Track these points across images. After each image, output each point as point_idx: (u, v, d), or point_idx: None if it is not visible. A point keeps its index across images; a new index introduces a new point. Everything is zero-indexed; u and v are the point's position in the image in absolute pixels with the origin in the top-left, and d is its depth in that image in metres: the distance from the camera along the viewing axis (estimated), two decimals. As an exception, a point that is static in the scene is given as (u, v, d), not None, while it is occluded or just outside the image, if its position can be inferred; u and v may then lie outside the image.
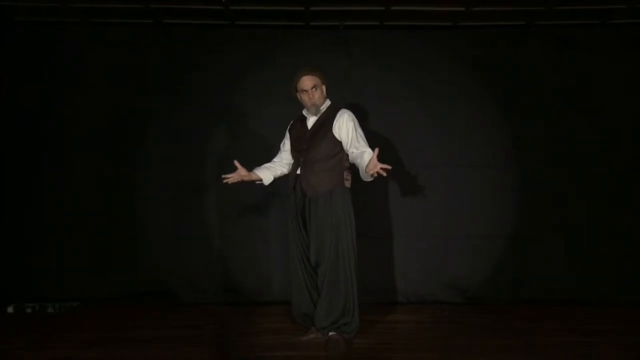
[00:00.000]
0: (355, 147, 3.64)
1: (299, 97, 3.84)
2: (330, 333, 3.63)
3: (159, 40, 5.14)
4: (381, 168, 3.39)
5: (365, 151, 3.59)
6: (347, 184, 3.73)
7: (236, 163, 3.78)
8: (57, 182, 5.07)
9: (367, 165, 3.45)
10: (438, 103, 5.10)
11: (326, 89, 3.84)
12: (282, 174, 3.97)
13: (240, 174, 3.79)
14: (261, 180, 3.89)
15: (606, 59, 5.09)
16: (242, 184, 3.87)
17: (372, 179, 3.56)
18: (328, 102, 3.84)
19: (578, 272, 5.01)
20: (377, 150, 3.42)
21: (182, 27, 5.16)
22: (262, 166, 3.94)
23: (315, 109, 3.75)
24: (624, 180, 5.07)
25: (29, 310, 4.68)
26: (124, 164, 5.14)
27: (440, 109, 5.10)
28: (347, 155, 3.73)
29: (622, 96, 5.10)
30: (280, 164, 3.95)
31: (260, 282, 5.05)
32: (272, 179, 3.93)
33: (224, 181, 3.81)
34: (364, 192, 4.68)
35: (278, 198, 4.96)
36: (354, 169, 3.77)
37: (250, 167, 3.88)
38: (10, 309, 4.67)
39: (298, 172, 3.75)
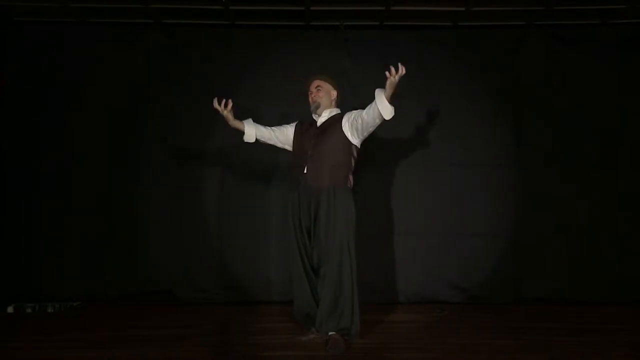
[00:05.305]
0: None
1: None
2: (330, 333, 3.63)
3: (159, 40, 5.15)
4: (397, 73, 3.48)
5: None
6: (350, 184, 3.78)
7: (229, 103, 3.87)
8: (57, 182, 5.07)
9: (386, 85, 3.53)
10: (438, 103, 5.10)
11: (336, 97, 3.96)
12: (267, 140, 4.02)
13: (227, 110, 3.87)
14: (243, 132, 3.97)
15: (606, 59, 5.10)
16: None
17: (389, 113, 3.62)
18: (337, 110, 3.93)
19: (578, 272, 5.01)
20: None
21: (182, 27, 5.17)
22: (254, 123, 4.01)
23: (315, 106, 3.87)
24: (624, 180, 5.07)
25: (29, 310, 4.67)
26: (124, 164, 5.13)
27: (440, 109, 5.09)
28: (353, 158, 3.79)
29: (622, 96, 5.10)
30: (272, 132, 4.01)
31: (260, 282, 5.05)
32: (253, 138, 3.99)
33: (214, 104, 3.86)
34: (364, 192, 4.68)
35: (278, 198, 4.96)
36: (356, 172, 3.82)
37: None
38: (10, 309, 4.66)
39: (305, 171, 3.75)
